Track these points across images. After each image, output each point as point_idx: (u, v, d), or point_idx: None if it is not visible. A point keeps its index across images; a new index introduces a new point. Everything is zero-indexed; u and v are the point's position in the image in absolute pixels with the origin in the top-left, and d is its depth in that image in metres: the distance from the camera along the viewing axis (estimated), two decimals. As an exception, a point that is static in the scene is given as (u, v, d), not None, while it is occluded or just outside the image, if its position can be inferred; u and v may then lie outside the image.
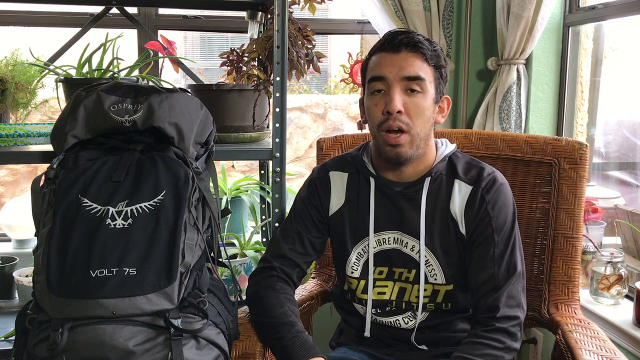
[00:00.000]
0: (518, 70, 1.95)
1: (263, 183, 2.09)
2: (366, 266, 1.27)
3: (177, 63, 1.76)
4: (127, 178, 1.14)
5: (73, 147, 1.21)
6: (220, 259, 1.27)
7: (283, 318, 1.18)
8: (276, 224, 1.43)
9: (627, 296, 1.68)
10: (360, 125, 2.08)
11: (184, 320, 1.06)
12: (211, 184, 1.27)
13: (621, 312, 1.63)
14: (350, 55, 2.10)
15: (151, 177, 1.13)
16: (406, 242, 1.24)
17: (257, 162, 2.30)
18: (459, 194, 1.22)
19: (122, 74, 1.54)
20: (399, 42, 1.16)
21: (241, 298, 1.34)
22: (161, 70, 1.75)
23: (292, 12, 1.50)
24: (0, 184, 4.03)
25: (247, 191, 2.13)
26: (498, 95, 1.98)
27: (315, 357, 1.11)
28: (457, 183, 1.23)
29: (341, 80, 2.18)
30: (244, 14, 1.90)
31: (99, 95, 1.23)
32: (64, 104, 1.40)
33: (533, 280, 1.42)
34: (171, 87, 1.39)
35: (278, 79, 1.40)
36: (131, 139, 1.22)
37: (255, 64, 1.51)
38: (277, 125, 1.41)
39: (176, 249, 1.06)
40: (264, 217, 2.04)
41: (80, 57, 1.53)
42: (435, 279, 1.24)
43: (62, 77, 1.49)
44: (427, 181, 1.23)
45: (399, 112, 1.14)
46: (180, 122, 1.22)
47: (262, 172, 2.12)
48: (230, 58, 1.53)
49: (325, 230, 1.32)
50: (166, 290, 1.03)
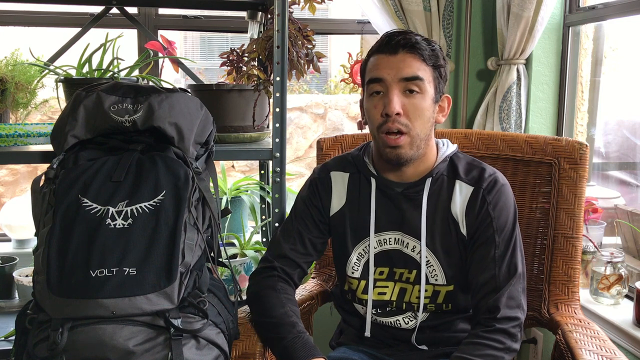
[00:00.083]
0: (518, 70, 1.95)
1: (263, 183, 2.09)
2: (367, 266, 1.27)
3: (177, 63, 1.76)
4: (127, 178, 1.14)
5: (73, 147, 1.21)
6: (220, 259, 1.27)
7: (284, 318, 1.18)
8: (276, 224, 1.43)
9: (627, 296, 1.68)
10: (360, 125, 2.08)
11: (184, 320, 1.06)
12: (211, 184, 1.27)
13: (621, 312, 1.63)
14: (350, 55, 2.10)
15: (151, 177, 1.13)
16: (407, 242, 1.24)
17: (257, 162, 2.30)
18: (460, 195, 1.22)
19: (122, 74, 1.54)
20: (396, 43, 1.15)
21: (241, 298, 1.34)
22: (161, 70, 1.75)
23: (292, 12, 1.50)
24: (0, 184, 4.03)
25: (247, 191, 2.12)
26: (498, 95, 1.98)
27: (316, 358, 1.11)
28: (458, 184, 1.22)
29: (341, 80, 2.18)
30: (244, 14, 1.90)
31: (99, 95, 1.23)
32: (64, 104, 1.40)
33: (533, 280, 1.42)
34: (171, 87, 1.39)
35: (278, 79, 1.40)
36: (131, 139, 1.22)
37: (255, 64, 1.51)
38: (277, 125, 1.41)
39: (176, 249, 1.06)
40: (264, 217, 2.04)
41: (80, 57, 1.53)
42: (436, 280, 1.24)
43: (62, 77, 1.49)
44: (428, 182, 1.22)
45: (397, 114, 1.14)
46: (180, 122, 1.22)
47: (262, 172, 2.12)
48: (230, 58, 1.53)
49: (326, 230, 1.32)
50: (166, 290, 1.03)
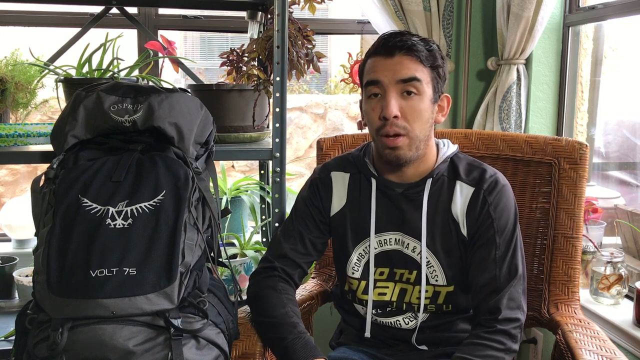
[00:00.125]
0: (518, 70, 1.95)
1: (263, 183, 2.09)
2: (367, 267, 1.27)
3: (177, 63, 1.76)
4: (127, 178, 1.14)
5: (73, 147, 1.21)
6: (220, 259, 1.27)
7: (285, 319, 1.18)
8: (276, 224, 1.43)
9: (627, 296, 1.68)
10: (360, 125, 2.08)
11: (184, 320, 1.06)
12: (211, 184, 1.27)
13: (621, 312, 1.63)
14: (350, 55, 2.10)
15: (151, 177, 1.13)
16: (407, 243, 1.24)
17: (257, 162, 2.30)
18: (461, 196, 1.22)
19: (122, 74, 1.54)
20: (393, 45, 1.15)
21: (241, 298, 1.34)
22: (161, 70, 1.75)
23: (292, 12, 1.50)
24: (0, 184, 4.03)
25: (247, 191, 2.12)
26: (498, 95, 1.98)
27: (317, 359, 1.11)
28: (458, 184, 1.22)
29: (341, 80, 2.18)
30: (244, 14, 1.90)
31: (99, 95, 1.23)
32: (64, 104, 1.40)
33: (533, 280, 1.42)
34: (171, 87, 1.39)
35: (278, 79, 1.40)
36: (131, 139, 1.22)
37: (255, 64, 1.51)
38: (277, 125, 1.41)
39: (176, 249, 1.06)
40: (264, 217, 2.04)
41: (80, 57, 1.53)
42: (436, 281, 1.23)
43: (62, 77, 1.49)
44: (429, 182, 1.22)
45: (395, 117, 1.13)
46: (180, 122, 1.22)
47: (262, 172, 2.12)
48: (230, 58, 1.53)
49: (326, 231, 1.32)
50: (166, 290, 1.03)
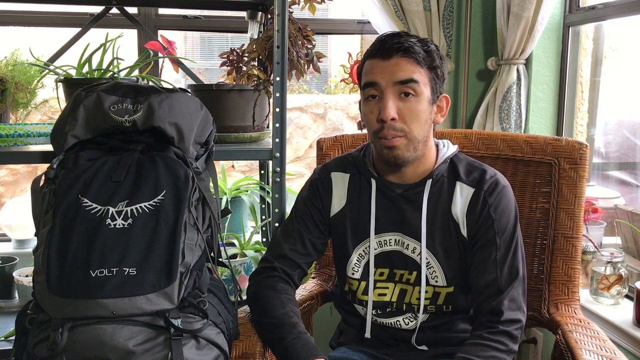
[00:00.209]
0: (518, 70, 1.95)
1: (263, 183, 2.09)
2: (367, 267, 1.27)
3: (177, 63, 1.76)
4: (127, 178, 1.14)
5: (73, 147, 1.21)
6: (220, 259, 1.27)
7: (285, 319, 1.18)
8: (276, 224, 1.43)
9: (627, 296, 1.68)
10: (360, 125, 2.08)
11: (184, 320, 1.06)
12: (211, 184, 1.27)
13: (621, 312, 1.63)
14: (350, 55, 2.10)
15: (151, 177, 1.13)
16: (407, 243, 1.24)
17: (257, 162, 2.30)
18: (461, 196, 1.21)
19: (122, 74, 1.54)
20: (390, 47, 1.14)
21: (241, 298, 1.34)
22: (161, 70, 1.75)
23: (292, 12, 1.50)
24: (0, 184, 4.03)
25: (247, 191, 2.12)
26: (498, 95, 1.98)
27: (317, 358, 1.11)
28: (458, 185, 1.22)
29: (341, 80, 2.18)
30: (244, 14, 1.90)
31: (99, 95, 1.23)
32: (64, 104, 1.40)
33: (533, 280, 1.42)
34: (171, 87, 1.39)
35: (278, 79, 1.40)
36: (131, 139, 1.22)
37: (255, 64, 1.51)
38: (277, 125, 1.41)
39: (176, 249, 1.06)
40: (264, 217, 2.04)
41: (80, 57, 1.53)
42: (436, 281, 1.23)
43: (62, 77, 1.49)
44: (429, 183, 1.22)
45: (392, 119, 1.13)
46: (180, 122, 1.22)
47: (262, 172, 2.12)
48: (230, 58, 1.53)
49: (326, 231, 1.32)
50: (166, 290, 1.03)
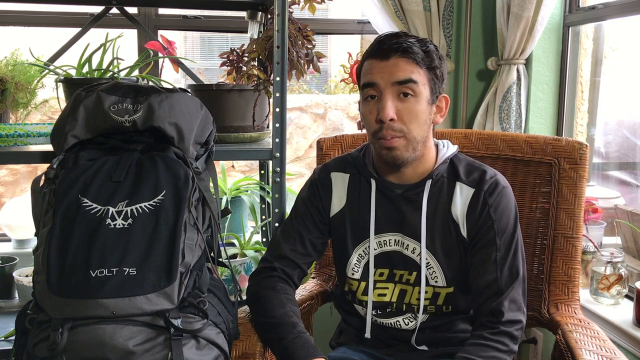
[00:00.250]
0: (518, 70, 1.95)
1: (263, 183, 2.09)
2: (367, 268, 1.27)
3: (177, 63, 1.76)
4: (127, 178, 1.14)
5: (73, 147, 1.21)
6: (220, 259, 1.27)
7: (284, 318, 1.18)
8: (276, 224, 1.43)
9: (627, 296, 1.68)
10: (360, 125, 2.08)
11: (184, 320, 1.06)
12: (211, 184, 1.27)
13: (621, 312, 1.63)
14: (350, 55, 2.10)
15: (151, 177, 1.13)
16: (407, 244, 1.24)
17: (257, 162, 2.30)
18: (461, 197, 1.21)
19: (122, 74, 1.54)
20: (388, 48, 1.14)
21: (241, 298, 1.34)
22: (161, 70, 1.75)
23: (292, 12, 1.50)
24: (0, 184, 4.03)
25: (247, 191, 2.13)
26: (498, 95, 1.98)
27: (316, 358, 1.11)
28: (458, 186, 1.22)
29: (341, 80, 2.18)
30: (244, 14, 1.90)
31: (99, 95, 1.23)
32: (64, 104, 1.40)
33: (533, 280, 1.42)
34: (171, 87, 1.39)
35: (278, 79, 1.40)
36: (131, 139, 1.22)
37: (255, 64, 1.51)
38: (277, 125, 1.41)
39: (176, 249, 1.06)
40: (264, 217, 2.04)
41: (80, 57, 1.53)
42: (436, 282, 1.23)
43: (62, 77, 1.49)
44: (428, 184, 1.22)
45: (391, 119, 1.13)
46: (180, 122, 1.22)
47: (262, 172, 2.12)
48: (230, 58, 1.53)
49: (326, 231, 1.32)
50: (166, 290, 1.03)
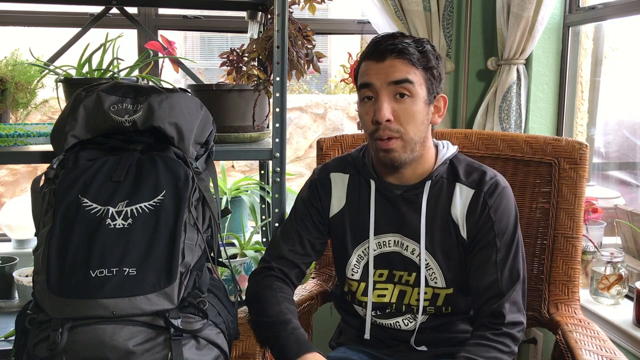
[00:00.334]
0: (518, 70, 1.95)
1: (263, 183, 2.09)
2: (366, 268, 1.26)
3: (177, 63, 1.76)
4: (127, 178, 1.14)
5: (73, 147, 1.21)
6: (220, 259, 1.27)
7: (279, 317, 1.18)
8: (276, 224, 1.43)
9: (627, 296, 1.68)
10: (360, 125, 2.08)
11: (184, 320, 1.06)
12: (211, 184, 1.27)
13: (621, 312, 1.63)
14: (350, 55, 2.09)
15: (151, 177, 1.13)
16: (406, 245, 1.24)
17: (257, 162, 2.30)
18: (461, 198, 1.21)
19: (122, 74, 1.54)
20: (384, 49, 1.14)
21: (241, 298, 1.34)
22: (161, 70, 1.75)
23: (292, 12, 1.50)
24: (0, 184, 4.03)
25: (247, 191, 2.13)
26: (498, 95, 1.98)
27: (309, 353, 1.10)
28: (458, 186, 1.22)
29: (341, 80, 2.18)
30: (244, 14, 1.90)
31: (99, 95, 1.23)
32: (64, 104, 1.40)
33: (533, 280, 1.42)
34: (171, 87, 1.39)
35: (278, 79, 1.40)
36: (131, 139, 1.22)
37: (255, 64, 1.51)
38: (277, 125, 1.41)
39: (176, 249, 1.06)
40: (264, 217, 2.04)
41: (80, 57, 1.53)
42: (435, 283, 1.23)
43: (62, 77, 1.49)
44: (428, 184, 1.22)
45: (388, 120, 1.13)
46: (180, 122, 1.22)
47: (262, 172, 2.12)
48: (230, 58, 1.53)
49: (325, 232, 1.32)
50: (166, 290, 1.03)
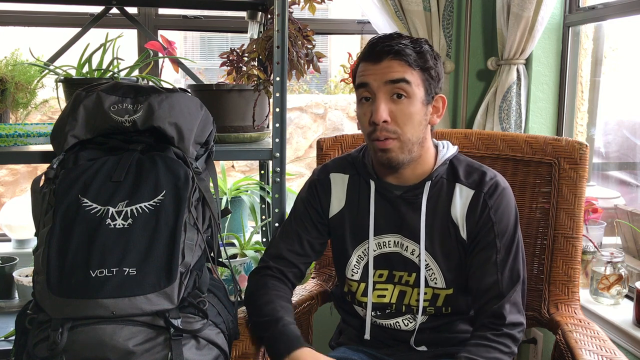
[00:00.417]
0: (518, 70, 1.95)
1: (263, 183, 2.09)
2: (366, 269, 1.26)
3: (177, 63, 1.76)
4: (127, 178, 1.14)
5: (73, 147, 1.21)
6: (220, 259, 1.27)
7: (271, 315, 1.17)
8: (276, 224, 1.43)
9: (627, 296, 1.68)
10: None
11: (184, 320, 1.06)
12: (211, 184, 1.27)
13: (621, 312, 1.63)
14: (350, 55, 2.09)
15: (151, 177, 1.13)
16: (406, 245, 1.24)
17: (257, 162, 2.30)
18: (460, 198, 1.21)
19: (122, 74, 1.54)
20: (380, 50, 1.14)
21: (241, 298, 1.34)
22: (161, 70, 1.75)
23: (292, 12, 1.50)
24: (0, 184, 4.02)
25: (247, 191, 2.13)
26: (498, 95, 1.98)
27: (297, 349, 1.09)
28: (458, 187, 1.22)
29: (341, 80, 2.18)
30: (244, 14, 1.90)
31: (99, 95, 1.23)
32: (64, 104, 1.40)
33: (533, 280, 1.42)
34: (171, 87, 1.39)
35: (278, 79, 1.40)
36: (131, 139, 1.23)
37: (255, 64, 1.51)
38: (277, 125, 1.41)
39: (176, 249, 1.06)
40: (264, 217, 2.04)
41: (80, 57, 1.53)
42: (435, 283, 1.23)
43: (62, 77, 1.49)
44: (428, 185, 1.22)
45: (385, 121, 1.12)
46: (180, 122, 1.22)
47: (262, 172, 2.12)
48: (230, 58, 1.53)
49: (325, 232, 1.32)
50: (166, 290, 1.03)
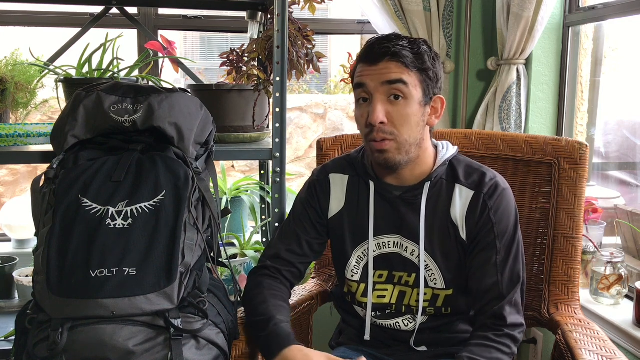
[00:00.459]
0: (518, 70, 1.95)
1: (263, 183, 2.09)
2: (366, 270, 1.26)
3: (177, 63, 1.76)
4: (127, 178, 1.14)
5: (73, 147, 1.21)
6: (220, 259, 1.27)
7: (265, 314, 1.16)
8: (276, 224, 1.43)
9: (627, 296, 1.68)
10: (360, 125, 2.08)
11: (184, 320, 1.06)
12: (211, 184, 1.27)
13: (621, 312, 1.63)
14: (350, 55, 2.09)
15: (151, 177, 1.13)
16: (406, 246, 1.24)
17: (257, 162, 2.30)
18: (460, 199, 1.21)
19: (122, 74, 1.54)
20: (377, 52, 1.13)
21: (241, 298, 1.34)
22: (161, 70, 1.75)
23: (292, 12, 1.50)
24: (0, 184, 4.02)
25: (247, 191, 2.13)
26: (498, 95, 1.98)
27: (287, 347, 1.09)
28: (458, 188, 1.21)
29: (341, 80, 2.18)
30: (244, 14, 1.90)
31: (99, 95, 1.23)
32: (64, 104, 1.40)
33: (533, 280, 1.42)
34: (171, 87, 1.39)
35: (278, 79, 1.40)
36: (131, 139, 1.23)
37: (255, 64, 1.51)
38: (277, 125, 1.41)
39: (176, 249, 1.06)
40: (264, 217, 2.04)
41: (80, 57, 1.53)
42: (435, 284, 1.23)
43: (62, 77, 1.49)
44: (427, 186, 1.22)
45: (381, 122, 1.12)
46: (180, 122, 1.22)
47: (262, 172, 2.12)
48: (230, 58, 1.53)
49: (324, 232, 1.32)
50: (166, 290, 1.03)
